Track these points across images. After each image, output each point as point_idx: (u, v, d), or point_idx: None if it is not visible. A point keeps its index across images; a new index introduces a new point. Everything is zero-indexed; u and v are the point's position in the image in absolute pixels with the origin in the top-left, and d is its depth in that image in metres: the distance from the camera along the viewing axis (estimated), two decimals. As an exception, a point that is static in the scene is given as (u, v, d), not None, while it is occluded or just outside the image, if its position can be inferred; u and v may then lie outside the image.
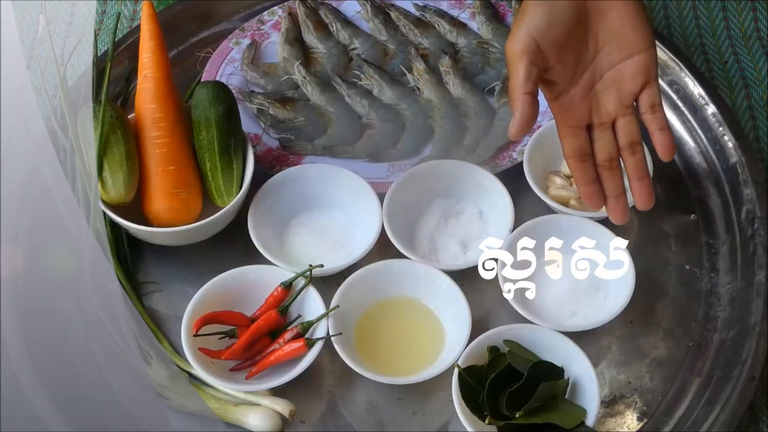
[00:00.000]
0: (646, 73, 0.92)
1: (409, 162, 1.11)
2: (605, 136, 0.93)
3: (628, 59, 0.91)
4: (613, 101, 0.92)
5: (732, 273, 1.05)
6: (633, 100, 0.93)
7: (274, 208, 1.06)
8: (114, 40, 1.10)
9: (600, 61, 0.92)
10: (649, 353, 1.01)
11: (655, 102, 0.92)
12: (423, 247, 1.05)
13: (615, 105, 0.93)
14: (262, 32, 1.23)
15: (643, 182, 0.93)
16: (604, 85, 0.92)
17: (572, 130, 0.93)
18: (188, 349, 0.95)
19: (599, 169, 0.94)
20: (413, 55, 1.18)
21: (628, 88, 0.92)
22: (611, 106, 0.93)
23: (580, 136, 0.93)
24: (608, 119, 0.93)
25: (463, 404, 0.92)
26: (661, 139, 0.92)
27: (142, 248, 1.08)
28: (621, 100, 0.92)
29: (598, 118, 0.93)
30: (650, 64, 0.92)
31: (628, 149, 0.93)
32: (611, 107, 0.93)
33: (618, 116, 0.93)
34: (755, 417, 0.99)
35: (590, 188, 0.93)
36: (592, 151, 0.93)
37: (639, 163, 0.93)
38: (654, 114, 0.92)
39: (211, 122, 1.03)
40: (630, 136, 0.93)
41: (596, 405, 0.92)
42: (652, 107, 0.92)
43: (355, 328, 1.00)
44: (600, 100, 0.93)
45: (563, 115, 0.93)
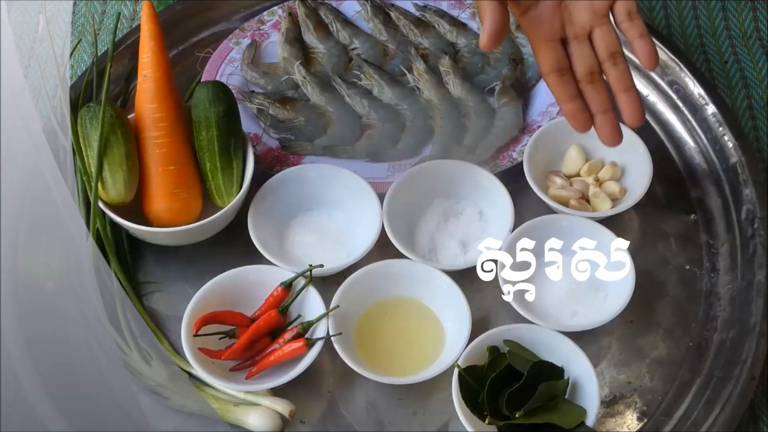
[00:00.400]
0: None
1: (409, 162, 1.11)
2: (582, 49, 0.90)
3: None
4: (587, 11, 0.89)
5: (732, 273, 1.05)
6: (607, 9, 0.89)
7: (274, 208, 1.06)
8: (114, 40, 1.10)
9: None
10: (649, 353, 1.01)
11: (631, 9, 0.88)
12: (423, 247, 1.05)
13: (588, 15, 0.89)
14: (262, 32, 1.23)
15: (629, 93, 0.89)
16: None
17: (547, 45, 0.89)
18: (188, 349, 0.95)
19: (581, 85, 0.89)
20: (413, 55, 1.19)
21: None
22: (585, 16, 0.89)
23: (556, 49, 0.89)
24: (583, 31, 0.89)
25: (463, 404, 0.92)
26: (642, 46, 0.88)
27: (142, 248, 1.08)
28: (595, 10, 0.89)
29: (573, 30, 0.90)
30: None
31: (609, 60, 0.89)
32: (585, 18, 0.89)
33: (594, 27, 0.89)
34: (755, 417, 0.99)
35: (573, 104, 0.89)
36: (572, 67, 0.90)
37: (623, 74, 0.89)
38: (631, 22, 0.88)
39: (211, 122, 1.03)
40: (609, 47, 0.89)
41: (596, 405, 0.92)
42: (628, 15, 0.88)
43: (355, 328, 1.00)
44: (572, 11, 0.90)
45: (535, 30, 0.90)
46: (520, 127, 1.13)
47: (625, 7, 0.89)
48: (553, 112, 1.14)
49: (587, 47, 0.90)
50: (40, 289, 1.04)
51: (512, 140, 1.12)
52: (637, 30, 0.88)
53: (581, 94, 0.89)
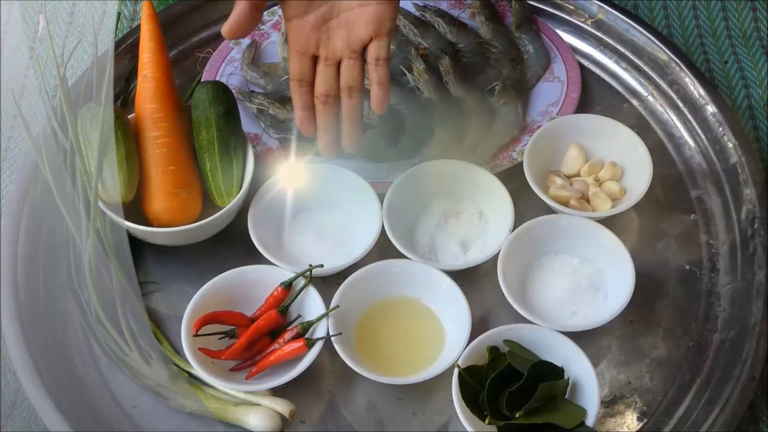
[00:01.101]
0: (378, 24, 0.94)
1: (409, 162, 1.11)
2: (326, 72, 0.97)
3: (365, 6, 0.93)
4: (342, 42, 0.95)
5: (732, 273, 1.05)
6: (362, 47, 0.95)
7: (274, 208, 1.06)
8: (114, 40, 1.10)
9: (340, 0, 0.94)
10: (649, 353, 1.01)
11: (380, 56, 0.95)
12: (423, 247, 1.05)
13: (342, 46, 0.95)
14: (262, 32, 1.23)
15: (352, 128, 0.99)
16: (338, 23, 0.95)
17: (298, 55, 0.97)
18: (188, 349, 0.95)
19: (315, 101, 0.98)
20: (413, 55, 1.18)
21: (358, 34, 0.94)
22: (339, 45, 0.95)
23: (304, 62, 0.97)
24: (334, 57, 0.96)
25: (463, 404, 0.92)
26: (378, 93, 0.96)
27: (142, 248, 1.08)
28: (349, 44, 0.95)
29: (325, 52, 0.96)
30: (385, 18, 0.94)
31: (345, 92, 0.97)
32: (339, 47, 0.95)
33: (344, 58, 0.96)
34: (755, 417, 0.99)
35: (303, 113, 0.99)
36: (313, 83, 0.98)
37: (353, 108, 0.98)
38: (376, 67, 0.95)
39: (211, 122, 1.03)
40: (349, 81, 0.96)
41: (596, 405, 0.92)
42: (376, 60, 0.95)
43: (355, 328, 1.00)
44: (331, 36, 0.95)
45: (293, 38, 0.96)
46: (520, 127, 1.13)
47: (376, 51, 0.95)
48: (553, 112, 1.14)
49: (331, 72, 0.97)
50: (40, 289, 1.04)
51: (512, 140, 1.12)
52: (378, 77, 0.96)
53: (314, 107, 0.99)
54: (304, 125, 1.00)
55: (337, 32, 0.95)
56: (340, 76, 0.97)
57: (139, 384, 0.98)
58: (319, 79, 0.97)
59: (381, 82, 0.96)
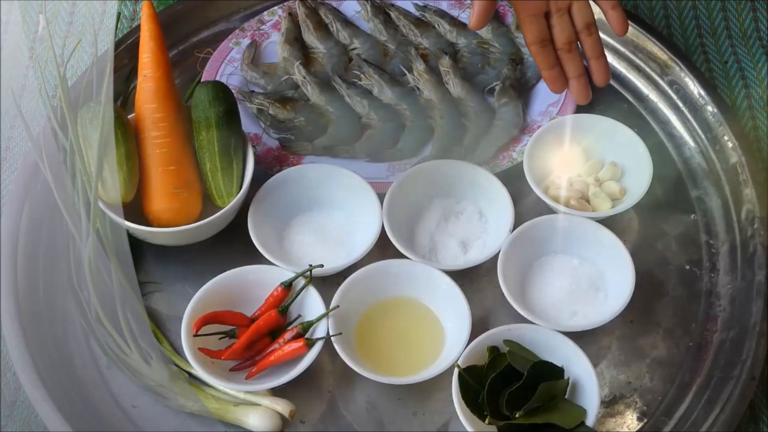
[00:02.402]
0: None
1: (409, 162, 1.11)
2: (563, 21, 1.02)
3: None
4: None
5: (732, 273, 1.05)
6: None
7: (274, 208, 1.06)
8: (114, 40, 1.10)
9: None
10: (649, 353, 1.01)
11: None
12: (423, 247, 1.05)
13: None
14: (262, 32, 1.23)
15: (600, 60, 1.03)
16: None
17: (532, 18, 1.01)
18: (188, 349, 0.95)
19: (559, 53, 1.03)
20: (413, 55, 1.18)
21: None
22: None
23: (540, 23, 1.02)
24: (564, 6, 1.02)
25: (463, 404, 0.92)
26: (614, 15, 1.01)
27: (142, 248, 1.08)
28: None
29: (555, 4, 1.01)
30: None
31: (584, 31, 1.02)
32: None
33: (572, 1, 1.01)
34: (755, 417, 0.99)
35: (553, 72, 1.03)
36: (552, 38, 1.02)
37: (595, 43, 1.03)
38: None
39: (211, 122, 1.03)
40: (585, 18, 1.02)
41: (596, 405, 0.92)
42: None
43: (355, 328, 1.00)
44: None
45: (523, 5, 1.01)
46: (520, 127, 1.13)
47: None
48: (553, 112, 1.14)
49: (567, 20, 1.02)
50: (40, 289, 1.04)
51: (512, 140, 1.12)
52: (609, 2, 1.01)
53: (559, 62, 1.03)
54: (557, 81, 1.03)
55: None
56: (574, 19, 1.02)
57: (139, 384, 0.98)
58: (558, 31, 1.02)
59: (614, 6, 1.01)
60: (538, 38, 1.02)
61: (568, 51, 1.03)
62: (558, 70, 1.03)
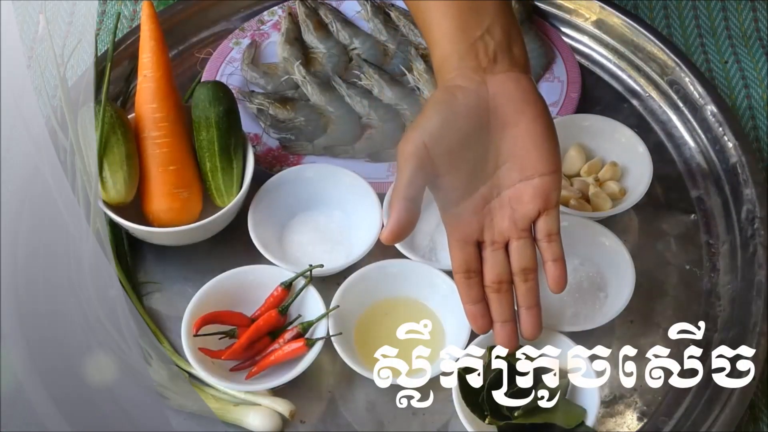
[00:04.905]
0: (545, 198, 0.86)
1: (409, 162, 1.11)
2: (496, 257, 0.88)
3: (529, 180, 0.86)
4: (508, 221, 0.87)
5: (732, 273, 1.05)
6: (529, 224, 0.87)
7: (274, 208, 1.06)
8: (114, 40, 1.10)
9: (499, 176, 0.87)
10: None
11: (551, 231, 0.87)
12: (423, 247, 1.05)
13: (509, 226, 0.87)
14: (262, 32, 1.23)
15: (531, 311, 0.89)
16: (500, 202, 0.87)
17: (460, 244, 0.88)
18: (188, 349, 0.95)
19: (487, 291, 0.89)
20: (413, 55, 1.18)
21: (524, 211, 0.87)
22: (505, 225, 0.87)
23: (467, 251, 0.88)
24: (501, 239, 0.88)
25: (463, 404, 0.92)
26: (554, 271, 0.87)
27: (142, 248, 1.08)
28: (516, 222, 0.87)
29: (491, 236, 0.88)
30: (551, 189, 0.86)
31: (520, 275, 0.88)
32: (505, 227, 0.87)
33: (512, 238, 0.88)
34: (755, 417, 0.99)
35: (474, 307, 0.89)
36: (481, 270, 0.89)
37: (530, 292, 0.88)
38: (549, 243, 0.87)
39: (211, 122, 1.03)
40: (523, 262, 0.88)
41: (596, 405, 0.92)
42: (548, 236, 0.87)
43: (355, 328, 1.00)
44: (494, 217, 0.88)
45: (452, 226, 0.88)
46: (520, 127, 1.13)
47: (547, 226, 0.87)
48: (554, 112, 1.14)
49: (501, 256, 0.88)
50: (40, 289, 1.04)
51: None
52: (552, 253, 0.87)
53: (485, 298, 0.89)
54: (479, 321, 0.89)
55: (501, 212, 0.87)
56: (510, 259, 0.88)
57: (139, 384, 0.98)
58: (488, 266, 0.88)
59: (556, 258, 0.87)
60: (462, 267, 0.88)
61: (496, 291, 0.88)
62: (482, 307, 0.89)
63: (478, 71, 0.86)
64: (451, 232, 0.89)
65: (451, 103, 0.85)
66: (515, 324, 0.90)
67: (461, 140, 0.85)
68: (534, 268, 0.88)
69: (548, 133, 0.87)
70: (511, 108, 0.85)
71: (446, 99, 0.85)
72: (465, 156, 0.85)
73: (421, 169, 0.84)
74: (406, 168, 0.84)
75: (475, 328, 0.90)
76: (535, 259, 0.89)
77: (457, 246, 0.88)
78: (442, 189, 0.87)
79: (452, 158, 0.85)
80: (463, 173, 0.86)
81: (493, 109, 0.85)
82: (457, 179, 0.86)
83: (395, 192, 0.85)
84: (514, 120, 0.86)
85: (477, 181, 0.87)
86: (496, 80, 0.86)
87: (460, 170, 0.86)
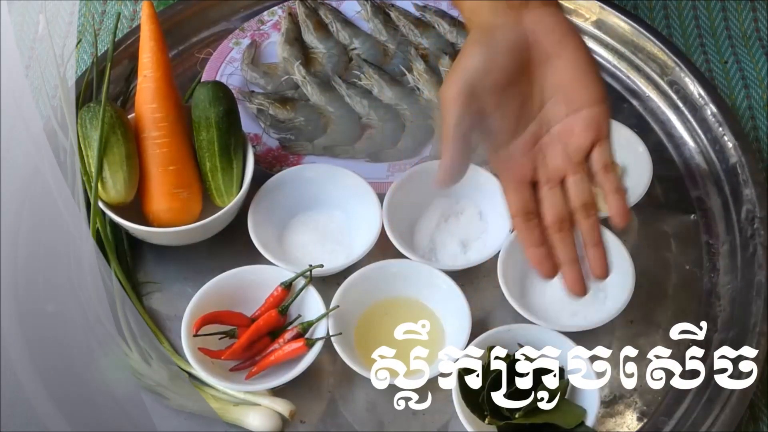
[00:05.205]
0: (597, 129, 0.84)
1: (409, 162, 1.11)
2: (553, 195, 0.85)
3: (577, 113, 0.84)
4: (561, 157, 0.85)
5: (732, 273, 1.05)
6: (583, 157, 0.85)
7: (274, 208, 1.06)
8: (114, 40, 1.10)
9: (547, 112, 0.85)
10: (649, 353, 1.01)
11: (607, 162, 0.84)
12: (423, 247, 1.05)
13: (563, 161, 0.85)
14: (262, 32, 1.23)
15: (598, 249, 0.85)
16: (550, 139, 0.85)
17: (515, 186, 0.85)
18: (188, 349, 0.95)
19: (548, 232, 0.85)
20: (413, 55, 1.18)
21: (577, 144, 0.84)
22: (559, 162, 0.85)
23: (523, 193, 0.85)
24: (556, 176, 0.85)
25: (463, 404, 0.92)
26: (616, 203, 0.84)
27: (142, 248, 1.08)
28: (570, 157, 0.85)
29: (545, 174, 0.85)
30: (601, 120, 0.84)
31: (581, 211, 0.85)
32: (559, 163, 0.85)
33: (568, 174, 0.85)
34: (755, 417, 0.99)
35: (538, 251, 0.85)
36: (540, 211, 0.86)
37: (594, 228, 0.85)
38: (607, 174, 0.84)
39: (211, 122, 1.03)
40: (582, 197, 0.85)
41: (596, 405, 0.92)
42: (605, 167, 0.84)
43: (355, 328, 1.00)
44: (547, 155, 0.85)
45: (505, 169, 0.86)
46: (520, 127, 1.13)
47: (602, 157, 0.85)
48: (553, 112, 1.14)
49: (558, 194, 0.85)
50: (41, 289, 1.04)
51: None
52: (611, 183, 0.84)
53: (547, 241, 0.85)
54: (545, 264, 0.85)
55: (553, 148, 0.85)
56: (568, 196, 0.85)
57: (139, 384, 0.98)
58: (547, 205, 0.85)
59: (617, 188, 0.83)
60: (521, 210, 0.84)
61: (558, 230, 0.84)
62: (545, 250, 0.84)
63: (513, 8, 0.84)
64: (505, 176, 0.86)
65: (491, 42, 0.83)
66: (581, 266, 0.86)
67: (505, 77, 0.82)
68: (594, 204, 0.85)
69: (591, 64, 0.84)
70: (551, 40, 0.83)
71: (484, 38, 0.83)
72: (510, 93, 0.83)
73: (467, 107, 0.81)
74: (453, 109, 0.81)
75: (542, 272, 0.86)
76: (593, 193, 0.85)
77: (513, 189, 0.86)
78: (490, 131, 0.84)
79: (497, 96, 0.82)
80: (509, 112, 0.83)
81: (534, 44, 0.83)
82: (504, 119, 0.84)
83: (444, 136, 0.82)
84: (555, 52, 0.83)
85: (524, 119, 0.84)
86: (533, 15, 0.84)
87: (506, 109, 0.83)
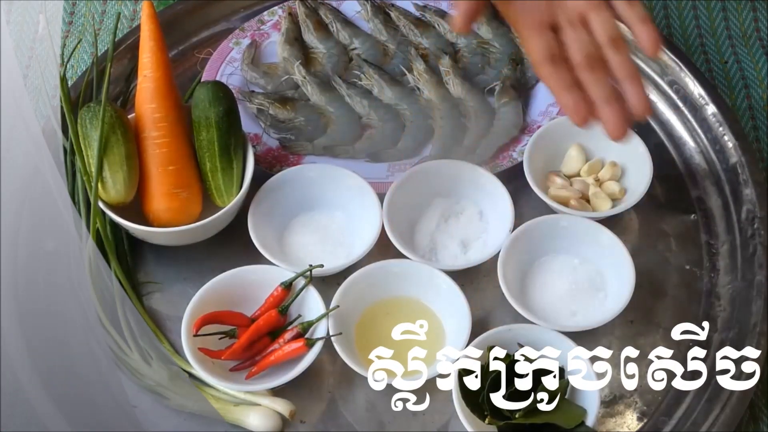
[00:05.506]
0: None
1: (409, 162, 1.11)
2: (578, 34, 0.80)
3: None
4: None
5: (732, 273, 1.05)
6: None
7: (274, 208, 1.06)
8: (114, 40, 1.10)
9: None
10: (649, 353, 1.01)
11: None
12: (423, 247, 1.05)
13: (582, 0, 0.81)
14: (262, 32, 1.23)
15: (635, 81, 0.79)
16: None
17: (535, 31, 0.80)
18: (188, 349, 0.95)
19: (579, 73, 0.79)
20: (413, 55, 1.18)
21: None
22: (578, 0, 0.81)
23: (545, 35, 0.80)
24: (576, 15, 0.80)
25: (463, 404, 0.92)
26: (646, 32, 0.79)
27: (142, 248, 1.08)
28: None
29: (565, 15, 0.81)
30: None
31: (610, 46, 0.80)
32: (578, 2, 0.81)
33: (589, 11, 0.80)
34: (755, 417, 0.99)
35: (571, 95, 0.79)
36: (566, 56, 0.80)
37: (626, 61, 0.79)
38: (632, 5, 0.80)
39: (211, 122, 1.03)
40: (608, 31, 0.79)
41: (596, 405, 0.92)
42: None
43: (355, 328, 1.00)
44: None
45: (521, 16, 0.81)
46: (520, 127, 1.13)
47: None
48: (553, 112, 1.14)
49: (583, 32, 0.80)
50: (40, 290, 1.04)
51: (512, 140, 1.12)
52: (637, 14, 0.79)
53: (579, 84, 0.80)
54: (580, 108, 0.79)
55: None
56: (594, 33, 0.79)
57: (139, 384, 0.98)
58: (573, 44, 0.79)
59: (644, 19, 0.78)
60: (546, 55, 0.79)
61: (589, 69, 0.78)
62: (578, 94, 0.78)
63: None
64: (523, 22, 0.81)
65: None
66: (621, 104, 0.79)
67: None
68: (622, 37, 0.80)
69: None
70: None
71: None
72: None
73: None
74: None
75: (577, 118, 0.80)
76: (619, 28, 0.80)
77: (533, 33, 0.80)
78: None
79: None
80: None
81: None
82: None
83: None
84: None
85: None
86: None
87: None
